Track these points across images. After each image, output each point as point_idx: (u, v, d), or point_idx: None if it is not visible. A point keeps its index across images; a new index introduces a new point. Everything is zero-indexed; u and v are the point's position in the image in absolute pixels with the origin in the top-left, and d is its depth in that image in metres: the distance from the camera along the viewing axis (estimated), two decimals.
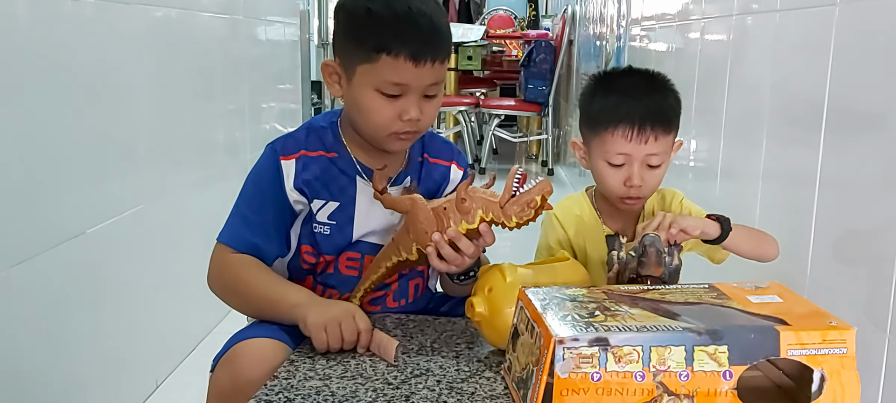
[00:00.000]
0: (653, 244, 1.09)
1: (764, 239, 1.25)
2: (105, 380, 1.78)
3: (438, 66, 1.12)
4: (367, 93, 1.12)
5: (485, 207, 1.06)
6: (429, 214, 1.09)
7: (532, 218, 1.06)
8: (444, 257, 1.09)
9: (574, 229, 1.27)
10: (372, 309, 1.24)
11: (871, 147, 1.24)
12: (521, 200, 1.05)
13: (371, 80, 1.11)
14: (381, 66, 1.10)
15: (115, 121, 1.82)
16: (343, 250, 1.21)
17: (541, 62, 5.27)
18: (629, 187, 1.20)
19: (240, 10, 2.71)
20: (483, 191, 1.09)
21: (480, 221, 1.07)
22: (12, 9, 1.45)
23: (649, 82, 1.25)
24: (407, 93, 1.12)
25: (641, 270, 1.10)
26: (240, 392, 1.06)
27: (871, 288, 1.20)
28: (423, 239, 1.09)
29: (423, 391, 0.96)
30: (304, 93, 3.77)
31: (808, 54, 1.48)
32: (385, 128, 1.14)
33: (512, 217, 1.05)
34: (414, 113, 1.12)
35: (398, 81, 1.10)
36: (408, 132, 1.15)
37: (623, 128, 1.18)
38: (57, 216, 1.58)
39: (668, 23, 2.66)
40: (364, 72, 1.12)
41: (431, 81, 1.13)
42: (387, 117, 1.13)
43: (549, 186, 1.06)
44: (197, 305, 2.31)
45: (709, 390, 0.83)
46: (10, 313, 1.44)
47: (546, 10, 7.86)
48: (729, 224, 1.17)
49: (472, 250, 1.08)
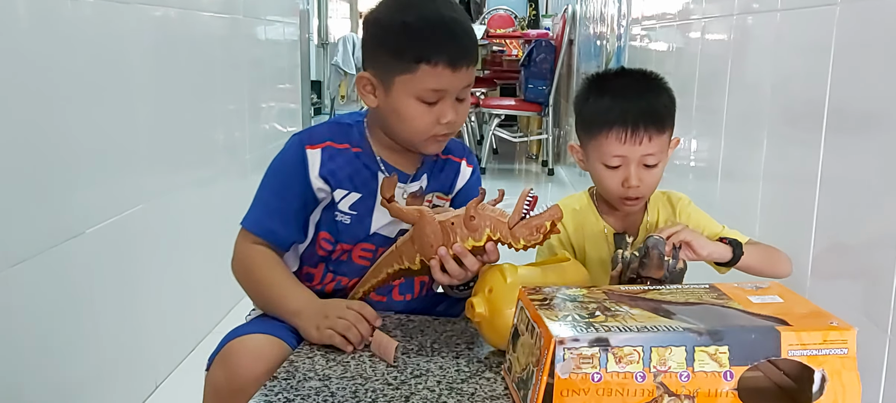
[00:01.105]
0: (655, 246, 1.10)
1: (776, 259, 1.24)
2: (105, 380, 1.78)
3: (472, 68, 1.18)
4: (406, 101, 1.17)
5: (493, 226, 1.07)
6: (436, 228, 1.09)
7: (540, 241, 1.06)
8: (446, 271, 1.10)
9: (574, 228, 1.28)
10: (378, 299, 1.25)
11: (871, 147, 1.24)
12: (531, 224, 1.05)
13: (411, 89, 1.16)
14: (420, 75, 1.14)
15: (115, 121, 1.82)
16: (360, 241, 1.24)
17: (541, 62, 5.27)
18: (628, 188, 1.20)
19: (240, 10, 2.70)
20: (492, 209, 1.09)
21: (487, 240, 1.07)
22: (12, 9, 1.45)
23: (641, 82, 1.25)
24: (444, 97, 1.17)
25: (642, 271, 1.10)
26: (235, 390, 1.07)
27: (872, 288, 1.20)
28: (428, 251, 1.10)
29: (423, 391, 0.96)
30: (304, 92, 3.77)
31: (808, 54, 1.48)
32: (425, 133, 1.19)
33: (520, 239, 1.05)
34: (451, 116, 1.18)
35: (437, 88, 1.15)
36: (445, 134, 1.21)
37: (617, 131, 1.18)
38: (57, 216, 1.58)
39: (668, 22, 2.66)
40: (403, 82, 1.16)
41: (466, 84, 1.18)
42: (427, 123, 1.17)
43: (560, 212, 1.06)
44: (197, 305, 2.31)
45: (709, 390, 0.83)
46: (10, 313, 1.44)
47: (546, 9, 7.86)
48: (740, 249, 1.17)
49: (476, 266, 1.10)
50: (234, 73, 2.65)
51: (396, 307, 1.27)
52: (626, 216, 1.28)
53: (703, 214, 1.29)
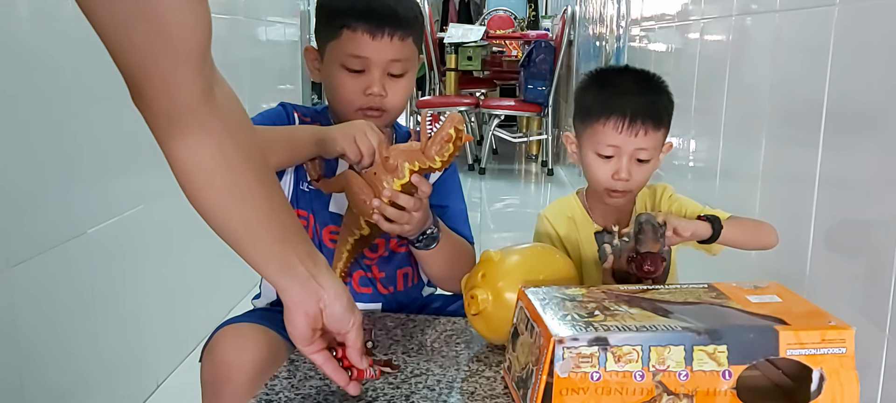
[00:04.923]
0: (648, 221, 1.10)
1: (759, 230, 1.25)
2: (105, 380, 1.79)
3: (398, 42, 1.19)
4: (334, 69, 1.21)
5: (409, 159, 1.10)
6: (360, 183, 1.12)
7: (453, 152, 1.10)
8: (391, 219, 1.11)
9: (565, 230, 1.28)
10: (363, 291, 1.26)
11: (870, 147, 1.24)
12: (437, 138, 1.09)
13: (336, 56, 1.20)
14: (343, 40, 1.19)
15: (116, 121, 1.82)
16: (327, 223, 1.25)
17: (540, 62, 5.27)
18: (617, 180, 1.20)
19: (240, 11, 2.71)
20: (403, 145, 1.14)
21: (410, 173, 1.10)
22: (12, 9, 1.46)
23: (643, 80, 1.26)
24: (369, 68, 1.19)
25: (640, 248, 1.11)
26: (222, 379, 1.10)
27: (870, 287, 1.20)
28: (365, 208, 1.12)
29: (423, 391, 0.96)
30: (304, 93, 3.77)
31: (807, 54, 1.49)
32: (351, 104, 1.21)
33: (435, 157, 1.10)
34: (376, 88, 1.19)
35: (358, 54, 1.18)
36: (373, 108, 1.21)
37: (614, 120, 1.19)
38: (58, 216, 1.58)
39: (667, 23, 2.66)
40: (331, 50, 1.21)
41: (392, 57, 1.20)
42: (351, 92, 1.20)
43: (459, 116, 1.11)
44: (197, 305, 2.31)
45: (708, 389, 0.83)
46: (11, 313, 1.44)
47: (546, 10, 7.86)
48: (719, 223, 1.18)
49: (413, 203, 1.11)
50: (235, 74, 2.64)
51: (384, 300, 1.28)
52: (615, 213, 1.28)
53: (685, 198, 1.30)
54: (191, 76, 0.74)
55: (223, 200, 0.80)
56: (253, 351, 1.10)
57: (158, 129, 0.77)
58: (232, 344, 1.13)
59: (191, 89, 0.74)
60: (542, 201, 4.92)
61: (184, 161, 0.78)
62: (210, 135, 0.77)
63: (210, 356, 1.15)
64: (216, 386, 1.12)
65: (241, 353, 1.10)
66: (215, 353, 1.14)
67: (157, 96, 0.74)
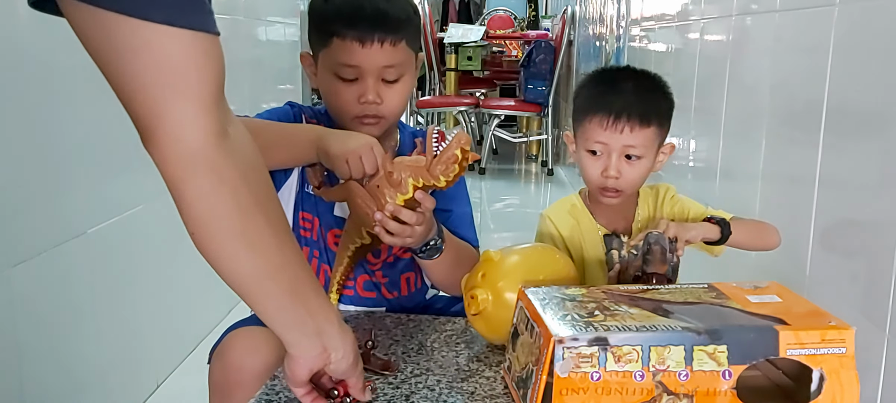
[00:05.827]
0: (657, 242, 1.10)
1: (763, 231, 1.25)
2: (105, 380, 1.79)
3: (390, 47, 1.16)
4: (328, 77, 1.18)
5: (414, 175, 1.09)
6: (364, 195, 1.11)
7: (458, 172, 1.09)
8: (392, 232, 1.10)
9: (568, 230, 1.28)
10: (368, 295, 1.26)
11: (869, 147, 1.24)
12: (443, 158, 1.08)
13: (329, 64, 1.17)
14: (334, 49, 1.16)
15: (116, 120, 1.81)
16: (332, 227, 1.23)
17: (540, 62, 5.27)
18: (606, 177, 1.20)
19: (240, 11, 2.71)
20: (408, 159, 1.11)
21: (414, 189, 1.09)
22: (12, 9, 1.46)
23: (639, 79, 1.26)
24: (363, 76, 1.16)
25: (646, 267, 1.11)
26: (233, 383, 1.08)
27: (870, 287, 1.20)
28: (368, 220, 1.11)
29: (423, 391, 0.96)
30: (305, 93, 3.77)
31: (807, 54, 1.48)
32: (347, 112, 1.19)
33: (440, 177, 1.09)
34: (371, 96, 1.16)
35: (349, 63, 1.15)
36: (369, 116, 1.19)
37: (600, 117, 1.19)
38: (58, 216, 1.58)
39: (667, 23, 2.66)
40: (324, 58, 1.18)
41: (385, 63, 1.16)
42: (345, 100, 1.18)
43: (466, 136, 1.10)
44: (198, 304, 2.31)
45: (708, 389, 0.83)
46: (11, 313, 1.44)
47: (546, 10, 7.86)
48: (728, 227, 1.18)
49: (416, 218, 1.10)
50: (235, 74, 2.64)
51: (388, 304, 1.27)
52: (617, 213, 1.28)
53: (686, 199, 1.30)
54: (204, 118, 0.71)
55: (234, 249, 0.77)
56: (264, 355, 1.07)
57: (169, 174, 0.73)
58: (243, 348, 1.11)
59: (204, 131, 0.71)
60: (542, 201, 4.92)
61: (194, 206, 0.74)
62: (223, 181, 0.74)
63: (220, 358, 1.13)
64: (226, 389, 1.11)
65: (252, 356, 1.08)
66: (226, 356, 1.12)
67: (168, 140, 0.71)
